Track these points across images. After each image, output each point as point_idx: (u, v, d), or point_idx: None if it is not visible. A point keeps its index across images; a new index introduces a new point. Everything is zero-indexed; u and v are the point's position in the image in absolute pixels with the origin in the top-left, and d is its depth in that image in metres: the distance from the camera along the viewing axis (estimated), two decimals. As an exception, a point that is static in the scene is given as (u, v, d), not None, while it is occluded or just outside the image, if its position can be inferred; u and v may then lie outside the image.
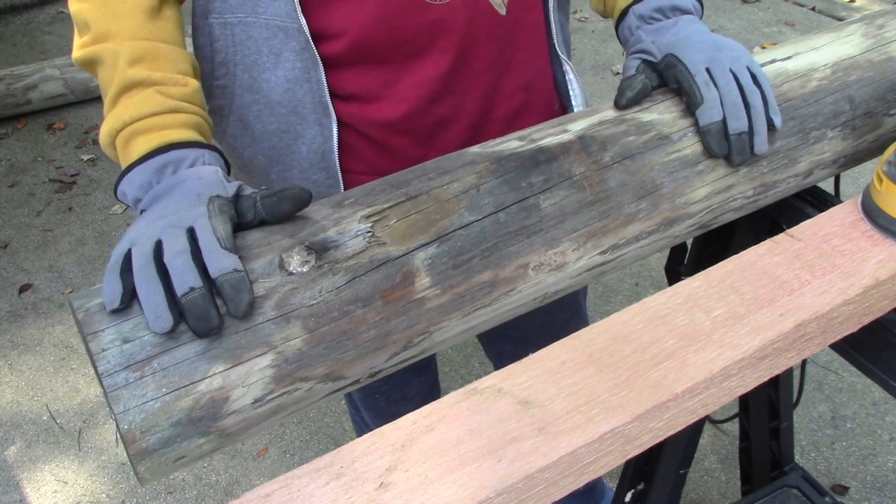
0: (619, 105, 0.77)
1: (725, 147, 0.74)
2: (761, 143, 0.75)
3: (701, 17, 0.85)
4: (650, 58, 0.80)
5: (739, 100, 0.74)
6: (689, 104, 0.76)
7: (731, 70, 0.75)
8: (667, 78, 0.78)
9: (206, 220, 0.61)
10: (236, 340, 0.58)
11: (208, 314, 0.56)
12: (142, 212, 0.67)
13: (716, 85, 0.75)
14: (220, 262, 0.58)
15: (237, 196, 0.66)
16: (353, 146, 0.91)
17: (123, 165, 0.71)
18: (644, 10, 0.84)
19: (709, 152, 0.75)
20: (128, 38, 0.73)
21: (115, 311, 0.58)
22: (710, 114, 0.74)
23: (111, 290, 0.58)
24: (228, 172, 0.74)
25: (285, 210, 0.64)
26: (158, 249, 0.59)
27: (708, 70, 0.75)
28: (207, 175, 0.67)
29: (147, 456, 0.57)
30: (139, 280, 0.58)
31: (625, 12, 0.87)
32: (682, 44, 0.78)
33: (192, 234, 0.60)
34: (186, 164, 0.69)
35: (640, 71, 0.80)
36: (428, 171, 0.70)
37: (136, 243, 0.60)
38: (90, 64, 0.75)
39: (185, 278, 0.57)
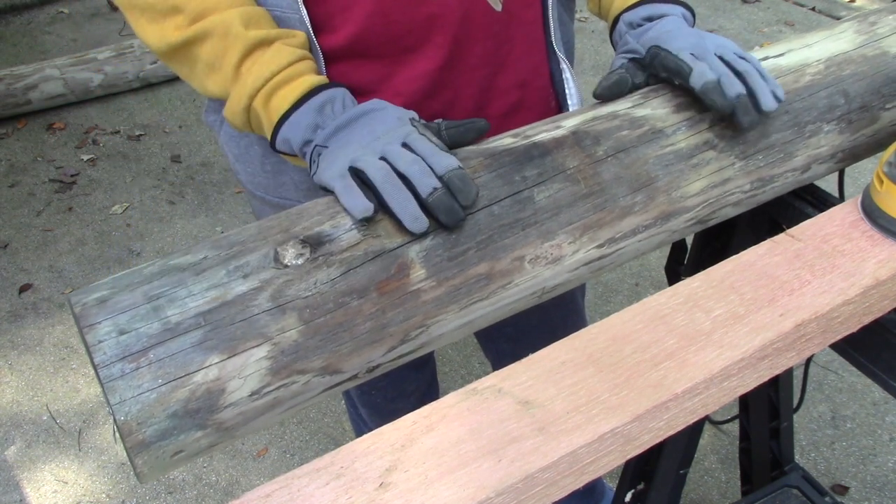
0: (594, 94, 0.80)
1: (727, 102, 0.73)
2: (767, 101, 0.74)
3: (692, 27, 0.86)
4: (635, 55, 0.82)
5: (729, 70, 0.75)
6: (680, 79, 0.76)
7: (715, 53, 0.77)
8: (654, 69, 0.79)
9: (418, 135, 0.68)
10: (231, 331, 0.59)
11: (453, 207, 0.64)
12: (315, 147, 0.72)
13: (702, 61, 0.76)
14: (445, 161, 0.66)
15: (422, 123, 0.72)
16: None
17: (272, 118, 0.75)
18: (633, 17, 0.86)
19: (714, 109, 0.74)
20: (228, 7, 0.76)
21: (366, 220, 0.64)
22: (700, 75, 0.74)
23: (359, 202, 0.64)
24: None
25: (470, 138, 0.72)
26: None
27: (692, 54, 0.77)
28: (387, 104, 0.73)
29: (144, 449, 0.57)
30: (388, 189, 0.64)
31: (616, 20, 0.89)
32: (664, 36, 0.80)
33: (408, 148, 0.67)
34: (339, 101, 0.74)
35: (621, 66, 0.82)
36: None
37: (362, 160, 0.66)
38: (193, 42, 0.76)
39: (427, 181, 0.64)
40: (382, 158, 0.67)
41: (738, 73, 0.75)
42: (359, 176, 0.67)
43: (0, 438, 1.92)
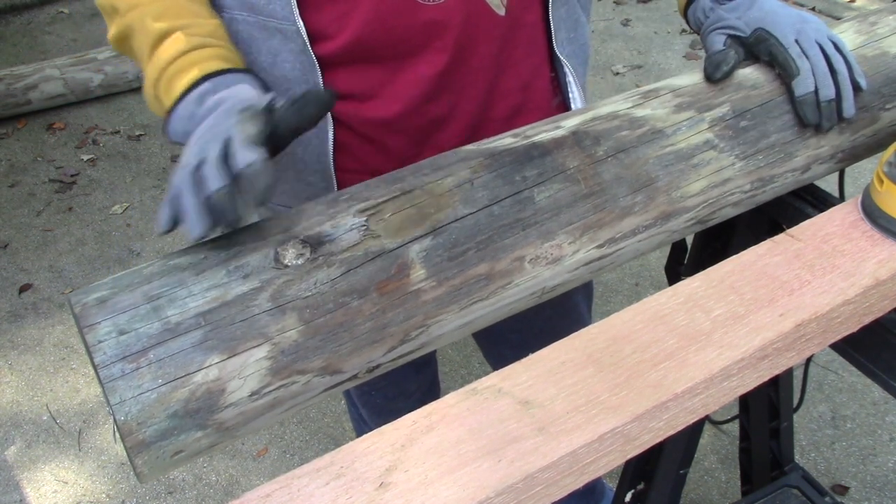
0: (713, 79, 0.81)
1: (818, 116, 0.79)
2: (849, 107, 0.80)
3: None
4: (738, 33, 0.84)
5: (827, 69, 0.79)
6: (784, 76, 0.80)
7: (816, 41, 0.80)
8: (758, 51, 0.82)
9: (238, 127, 0.64)
10: (231, 332, 0.59)
11: (223, 208, 0.60)
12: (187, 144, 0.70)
13: (806, 56, 0.79)
14: (242, 156, 0.61)
15: (270, 108, 0.68)
16: (349, 145, 0.91)
17: (166, 110, 0.74)
18: None
19: (803, 121, 0.80)
20: (150, 3, 0.77)
21: (166, 234, 0.62)
22: (804, 84, 0.79)
23: (160, 215, 0.62)
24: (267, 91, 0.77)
25: (312, 113, 0.67)
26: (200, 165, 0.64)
27: (797, 42, 0.80)
28: (242, 92, 0.71)
29: (144, 449, 0.57)
30: (177, 197, 0.62)
31: None
32: (769, 18, 0.82)
33: (227, 142, 0.64)
34: (223, 87, 0.72)
35: (728, 46, 0.84)
36: (422, 168, 0.71)
37: (184, 167, 0.64)
38: (125, 38, 0.78)
39: (210, 183, 0.61)
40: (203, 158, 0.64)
41: (831, 71, 0.79)
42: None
43: (0, 438, 1.92)
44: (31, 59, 3.40)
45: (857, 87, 0.81)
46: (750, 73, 0.82)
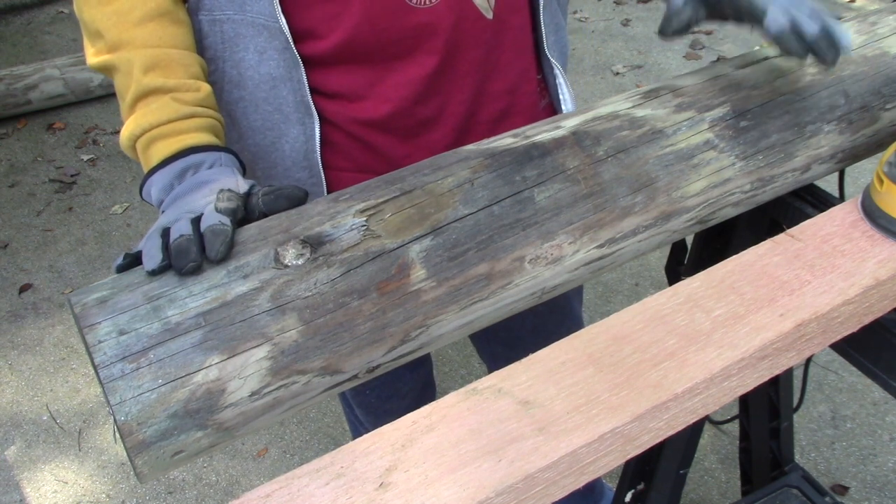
0: (664, 33, 0.77)
1: (803, 46, 0.72)
2: (845, 37, 0.71)
3: None
4: None
5: (800, 11, 0.72)
6: (752, 20, 0.74)
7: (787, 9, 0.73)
8: (721, 7, 0.77)
9: (213, 205, 0.67)
10: (231, 332, 0.59)
11: (186, 251, 0.61)
12: (163, 212, 0.71)
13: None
14: (210, 219, 0.64)
15: (248, 193, 0.71)
16: (338, 144, 0.92)
17: (146, 168, 0.75)
18: None
19: (789, 54, 0.74)
20: (140, 47, 0.76)
21: (120, 269, 0.64)
22: (775, 20, 0.72)
23: (116, 261, 0.64)
24: (244, 172, 0.78)
25: (282, 206, 0.69)
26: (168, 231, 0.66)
27: None
28: (223, 175, 0.72)
29: (144, 449, 0.57)
30: (144, 242, 0.64)
31: None
32: None
33: (199, 217, 0.66)
34: (205, 167, 0.73)
35: (686, 3, 0.78)
36: (422, 168, 0.71)
37: (157, 226, 0.66)
38: (106, 70, 0.79)
39: (178, 229, 0.64)
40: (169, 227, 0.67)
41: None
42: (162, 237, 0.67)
43: (0, 438, 1.92)
44: (31, 59, 3.40)
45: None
46: (750, 73, 0.82)
